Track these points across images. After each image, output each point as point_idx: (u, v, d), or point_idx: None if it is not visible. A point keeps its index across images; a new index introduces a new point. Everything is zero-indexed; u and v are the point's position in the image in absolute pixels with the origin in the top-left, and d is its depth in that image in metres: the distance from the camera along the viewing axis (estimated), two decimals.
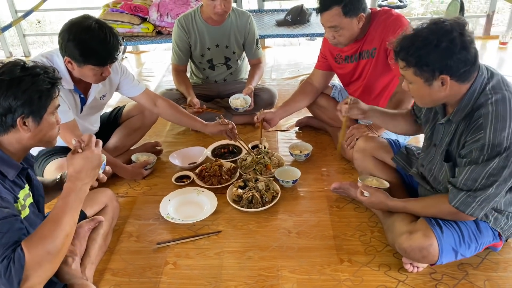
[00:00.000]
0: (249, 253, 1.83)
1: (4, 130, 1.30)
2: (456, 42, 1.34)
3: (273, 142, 2.70)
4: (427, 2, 6.67)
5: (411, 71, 1.43)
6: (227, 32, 2.71)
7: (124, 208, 2.14)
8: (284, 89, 3.51)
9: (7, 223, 1.20)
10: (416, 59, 1.39)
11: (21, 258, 1.16)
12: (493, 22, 4.55)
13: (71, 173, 1.33)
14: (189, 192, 2.16)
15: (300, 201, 2.14)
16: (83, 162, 1.33)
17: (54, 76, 1.35)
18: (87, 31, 1.77)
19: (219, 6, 2.48)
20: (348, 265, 1.74)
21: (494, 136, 1.36)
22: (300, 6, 3.98)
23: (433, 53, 1.36)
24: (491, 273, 1.67)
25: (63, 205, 1.29)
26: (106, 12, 3.73)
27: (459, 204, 1.48)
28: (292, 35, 3.83)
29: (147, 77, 3.98)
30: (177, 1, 3.75)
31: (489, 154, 1.38)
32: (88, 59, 1.80)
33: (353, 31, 2.14)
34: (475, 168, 1.41)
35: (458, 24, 1.37)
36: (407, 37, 1.42)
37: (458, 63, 1.36)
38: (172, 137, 2.83)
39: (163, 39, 3.72)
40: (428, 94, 1.46)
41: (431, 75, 1.39)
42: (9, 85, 1.26)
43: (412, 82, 1.47)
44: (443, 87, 1.41)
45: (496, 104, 1.39)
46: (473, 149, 1.41)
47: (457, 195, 1.47)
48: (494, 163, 1.38)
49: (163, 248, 1.88)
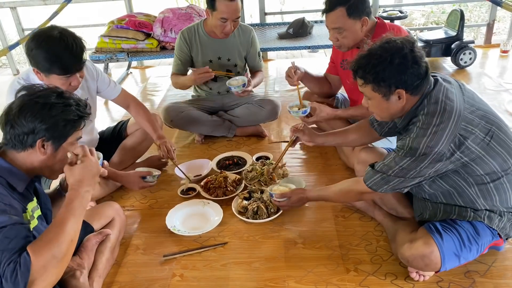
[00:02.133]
0: (256, 264, 1.84)
1: (22, 148, 1.34)
2: (408, 57, 1.45)
3: (277, 153, 2.71)
4: (428, 12, 6.72)
5: (369, 87, 1.52)
6: (230, 46, 2.75)
7: (131, 221, 2.16)
8: (288, 100, 3.52)
9: (15, 229, 1.22)
10: (373, 76, 1.49)
11: (27, 262, 1.17)
12: (494, 31, 4.58)
13: (72, 183, 1.36)
14: (195, 204, 2.18)
15: (305, 211, 2.15)
16: (83, 171, 1.37)
17: (84, 111, 1.41)
18: (49, 40, 1.78)
19: (228, 27, 2.55)
20: (354, 275, 1.74)
21: (413, 140, 1.48)
22: (301, 19, 4.04)
23: (388, 69, 1.46)
24: (498, 280, 1.67)
25: (67, 211, 1.31)
26: (111, 28, 3.80)
27: (373, 184, 1.62)
28: (294, 47, 3.88)
29: (152, 91, 4.03)
30: (180, 16, 3.82)
31: (405, 152, 1.50)
32: (52, 67, 1.81)
33: (356, 34, 2.16)
34: (394, 158, 1.55)
35: (408, 41, 1.48)
36: (363, 56, 1.52)
37: (412, 77, 1.47)
38: (178, 150, 2.85)
39: (167, 54, 3.78)
40: (386, 108, 1.56)
41: (388, 90, 1.49)
42: (41, 108, 1.32)
43: (371, 98, 1.57)
44: (399, 100, 1.52)
45: (427, 116, 1.49)
46: (398, 145, 1.57)
47: (373, 176, 1.61)
48: (407, 161, 1.50)
49: (170, 260, 1.89)
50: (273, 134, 2.98)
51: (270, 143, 2.87)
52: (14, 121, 1.32)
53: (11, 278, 1.16)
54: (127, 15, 4.06)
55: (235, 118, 2.89)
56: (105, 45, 3.79)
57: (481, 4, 6.51)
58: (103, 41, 3.78)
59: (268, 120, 2.92)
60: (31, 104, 1.33)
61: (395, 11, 4.11)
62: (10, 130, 1.33)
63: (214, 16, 2.53)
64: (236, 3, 2.49)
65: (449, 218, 1.64)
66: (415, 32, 4.92)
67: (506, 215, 1.61)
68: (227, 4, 2.46)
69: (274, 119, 2.93)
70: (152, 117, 2.39)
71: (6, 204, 1.25)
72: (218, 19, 2.52)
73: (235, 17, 2.53)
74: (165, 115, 2.77)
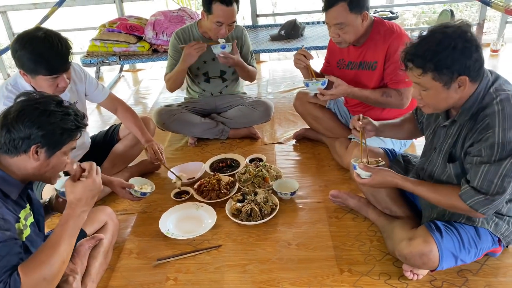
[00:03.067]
0: (250, 266, 1.83)
1: (15, 153, 1.33)
2: (471, 42, 1.37)
3: (270, 154, 2.72)
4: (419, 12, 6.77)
5: (429, 76, 1.42)
6: None
7: (124, 225, 2.15)
8: (281, 102, 3.55)
9: (7, 246, 1.22)
10: (435, 64, 1.39)
11: (16, 283, 1.17)
12: (484, 30, 4.62)
13: (71, 200, 1.36)
14: (188, 207, 2.17)
15: (299, 212, 2.15)
16: (84, 191, 1.37)
17: (81, 121, 1.41)
18: (34, 40, 1.77)
19: (223, 31, 2.55)
20: (348, 275, 1.74)
21: (503, 135, 1.37)
22: (293, 20, 4.04)
23: (452, 55, 1.37)
24: (491, 279, 1.68)
25: (61, 231, 1.31)
26: (102, 32, 3.79)
27: (474, 204, 1.46)
28: (287, 49, 3.88)
29: (144, 94, 4.02)
30: (172, 19, 3.81)
31: (500, 153, 1.39)
32: (37, 68, 1.80)
33: (357, 29, 2.16)
34: (489, 169, 1.41)
35: (468, 25, 1.40)
36: (419, 44, 1.43)
37: (475, 62, 1.39)
38: (171, 153, 2.85)
39: (159, 57, 3.76)
40: (445, 98, 1.46)
41: (450, 77, 1.40)
42: (40, 114, 1.32)
43: (428, 89, 1.46)
44: (460, 88, 1.42)
45: (501, 103, 1.40)
46: (482, 148, 1.42)
47: (474, 196, 1.45)
48: (508, 164, 1.39)
49: (163, 264, 1.88)
50: (266, 136, 2.98)
51: (263, 145, 2.87)
52: (11, 126, 1.31)
53: None
54: (118, 18, 4.04)
55: (227, 120, 2.89)
56: (96, 48, 3.77)
57: (471, 4, 6.56)
58: (94, 44, 3.77)
59: (261, 121, 2.92)
60: (31, 110, 1.32)
61: (386, 12, 4.13)
62: (6, 135, 1.32)
63: (210, 19, 2.52)
64: (233, 8, 2.48)
65: (457, 220, 1.62)
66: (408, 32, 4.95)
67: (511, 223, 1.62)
68: (224, 9, 2.46)
69: (267, 120, 2.93)
70: (140, 121, 2.38)
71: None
72: (213, 22, 2.51)
73: (231, 21, 2.53)
74: (157, 118, 2.77)
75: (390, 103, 2.26)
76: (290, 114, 3.26)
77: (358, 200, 2.07)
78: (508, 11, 3.33)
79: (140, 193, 2.06)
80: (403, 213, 1.87)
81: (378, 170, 1.66)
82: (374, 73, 2.28)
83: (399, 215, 1.87)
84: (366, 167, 1.66)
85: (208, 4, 2.47)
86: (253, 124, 2.93)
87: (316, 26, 4.37)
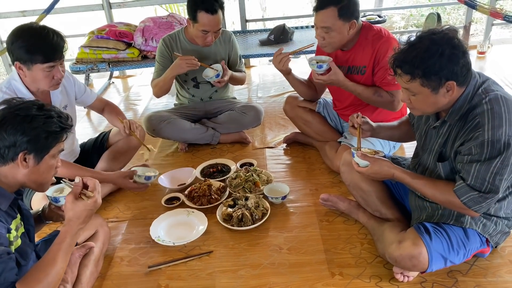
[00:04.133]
0: (241, 271, 1.83)
1: (3, 162, 1.32)
2: (458, 48, 1.40)
3: (261, 159, 2.72)
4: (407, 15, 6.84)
5: (417, 82, 1.44)
6: (212, 52, 2.76)
7: (115, 232, 2.13)
8: (271, 106, 3.56)
9: (2, 263, 1.21)
10: (423, 70, 1.41)
11: None
12: (471, 33, 4.68)
13: (71, 218, 1.36)
14: (179, 213, 2.16)
15: (290, 216, 2.16)
16: (85, 210, 1.37)
17: (66, 122, 1.40)
18: (29, 31, 1.85)
19: (210, 38, 2.56)
20: (339, 279, 1.75)
21: (492, 133, 1.39)
22: (282, 25, 4.07)
23: (439, 62, 1.39)
24: (480, 279, 1.69)
25: (58, 249, 1.32)
26: (91, 39, 3.78)
27: (468, 201, 1.49)
28: None
29: (134, 100, 4.01)
30: (161, 25, 3.81)
31: (490, 151, 1.41)
32: (34, 56, 1.84)
33: (343, 36, 2.18)
34: (481, 167, 1.44)
35: (454, 31, 1.43)
36: (406, 50, 1.45)
37: (462, 67, 1.41)
38: (161, 159, 2.84)
39: (149, 63, 3.76)
40: (433, 103, 1.49)
41: (438, 83, 1.42)
42: (22, 121, 1.31)
43: (417, 94, 1.48)
44: (448, 93, 1.45)
45: (490, 102, 1.43)
46: (472, 147, 1.44)
47: (469, 192, 1.48)
48: (498, 162, 1.41)
49: (155, 271, 1.87)
50: (257, 140, 2.98)
51: (254, 149, 2.87)
52: None
53: None
54: (107, 25, 4.04)
55: (218, 125, 2.89)
56: (85, 55, 3.75)
57: (458, 7, 6.64)
58: (83, 51, 3.75)
59: (252, 126, 2.92)
60: (12, 117, 1.31)
61: (374, 16, 4.17)
62: None
63: (196, 28, 2.53)
64: (218, 16, 2.49)
65: (445, 222, 1.64)
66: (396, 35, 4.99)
67: (500, 224, 1.64)
68: (209, 17, 2.47)
69: (257, 125, 2.94)
70: (123, 115, 2.42)
71: None
72: (199, 30, 2.52)
73: (216, 29, 2.54)
74: (147, 125, 2.76)
75: (381, 102, 2.28)
76: (280, 118, 3.27)
77: (348, 203, 2.08)
78: (493, 14, 3.38)
79: (145, 178, 2.07)
80: (393, 215, 1.88)
81: (376, 160, 1.68)
82: (363, 77, 2.30)
83: (389, 217, 1.89)
84: (364, 156, 1.68)
85: (193, 13, 2.48)
86: (243, 129, 2.93)
87: (305, 31, 4.39)
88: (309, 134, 2.74)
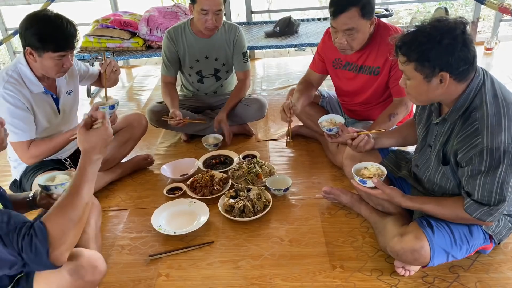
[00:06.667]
0: (242, 262, 1.83)
1: None
2: (458, 39, 1.36)
3: (264, 151, 2.72)
4: (414, 11, 6.78)
5: (411, 66, 1.43)
6: (217, 45, 2.73)
7: (116, 221, 2.14)
8: (275, 99, 3.54)
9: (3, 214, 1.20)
10: (418, 54, 1.40)
11: (42, 230, 1.18)
12: (479, 29, 4.63)
13: (86, 148, 1.35)
14: (181, 203, 2.16)
15: (292, 209, 2.15)
16: (98, 139, 1.36)
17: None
18: (44, 19, 1.86)
19: (210, 21, 2.51)
20: (340, 271, 1.74)
21: (491, 140, 1.37)
22: (288, 17, 4.04)
23: (435, 49, 1.37)
24: (482, 275, 1.68)
25: (81, 176, 1.31)
26: (95, 27, 3.76)
27: (480, 216, 1.48)
28: (281, 46, 3.88)
29: (138, 90, 4.00)
30: (166, 15, 3.79)
31: (489, 159, 1.39)
32: (46, 44, 1.86)
33: (365, 36, 2.12)
34: (486, 179, 1.42)
35: (461, 23, 1.39)
36: (410, 33, 1.44)
37: (459, 60, 1.38)
38: (163, 149, 2.84)
39: (153, 53, 3.74)
40: (425, 91, 1.47)
41: (431, 71, 1.40)
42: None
43: (410, 78, 1.47)
44: (441, 84, 1.42)
45: (491, 107, 1.40)
46: (472, 156, 1.42)
47: (479, 209, 1.47)
48: (502, 171, 1.39)
49: (155, 260, 1.87)
50: (260, 133, 2.97)
51: (257, 142, 2.86)
52: None
53: (31, 250, 1.16)
54: (112, 14, 4.02)
55: None
56: (90, 44, 3.74)
57: (466, 3, 6.58)
58: (88, 40, 3.74)
59: (255, 119, 2.91)
60: None
61: (381, 9, 4.13)
62: None
63: (195, 10, 2.50)
64: None
65: None
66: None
67: (503, 220, 1.63)
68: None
69: (261, 118, 2.92)
70: None
71: None
72: (198, 12, 2.48)
73: (216, 9, 2.48)
74: (150, 115, 2.74)
75: (400, 119, 2.23)
76: None
77: (350, 196, 2.07)
78: (502, 9, 3.34)
79: (109, 107, 2.03)
80: (395, 209, 1.87)
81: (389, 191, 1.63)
82: (376, 78, 2.25)
83: (392, 211, 1.88)
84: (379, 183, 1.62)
85: None
86: (247, 121, 2.92)
87: (311, 23, 4.36)
88: (312, 127, 2.73)
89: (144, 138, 2.61)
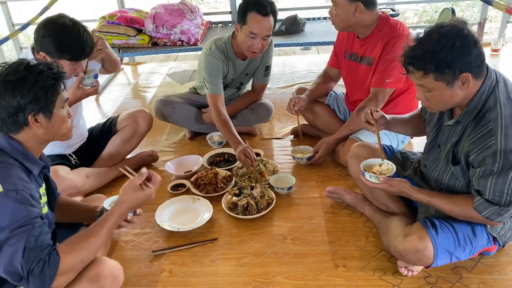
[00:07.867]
0: (245, 260, 1.83)
1: (18, 129, 1.33)
2: (469, 38, 1.37)
3: (268, 149, 2.72)
4: (420, 11, 6.75)
5: (431, 78, 1.41)
6: (254, 65, 2.70)
7: None
8: (279, 98, 3.54)
9: (39, 226, 1.24)
10: (435, 64, 1.38)
11: (56, 261, 1.22)
12: (486, 30, 4.61)
13: (124, 201, 1.43)
14: (185, 200, 2.17)
15: (295, 207, 2.15)
16: (138, 200, 1.44)
17: (58, 71, 1.37)
18: (62, 28, 1.86)
19: (257, 45, 2.41)
20: (343, 270, 1.75)
21: (505, 142, 1.37)
22: (294, 16, 4.03)
23: (451, 54, 1.36)
24: (485, 276, 1.68)
25: (104, 225, 1.38)
26: (102, 24, 3.77)
27: (490, 215, 1.48)
28: (287, 44, 3.87)
29: (143, 88, 4.00)
30: (172, 12, 3.80)
31: (503, 161, 1.38)
32: (62, 53, 1.88)
33: (347, 16, 2.21)
34: (497, 180, 1.42)
35: (463, 22, 1.40)
36: (415, 47, 1.42)
37: (475, 57, 1.38)
38: (168, 146, 2.85)
39: (159, 50, 3.75)
40: (449, 97, 1.45)
41: (452, 76, 1.39)
42: (15, 84, 1.28)
43: (432, 90, 1.45)
44: (464, 85, 1.41)
45: (505, 108, 1.40)
46: (485, 157, 1.41)
47: (489, 207, 1.47)
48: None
49: (158, 256, 1.88)
50: (265, 131, 2.97)
51: (261, 140, 2.87)
52: None
53: (39, 276, 1.19)
54: (118, 10, 4.03)
55: None
56: None
57: (473, 4, 6.55)
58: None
59: (260, 122, 2.93)
60: (3, 84, 1.28)
61: (387, 9, 4.11)
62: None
63: (243, 31, 2.40)
64: (269, 19, 2.36)
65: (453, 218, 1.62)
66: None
67: (509, 223, 1.62)
68: (259, 19, 2.34)
69: (266, 121, 2.94)
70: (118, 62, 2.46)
71: (28, 194, 1.26)
72: (247, 34, 2.38)
73: (265, 34, 2.39)
74: (157, 105, 2.73)
75: None
76: None
77: (354, 196, 2.07)
78: (509, 10, 3.32)
79: (93, 76, 2.05)
80: (399, 209, 1.87)
81: (397, 183, 1.62)
82: (371, 68, 2.31)
83: (395, 211, 1.87)
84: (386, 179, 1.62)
85: (243, 14, 2.36)
86: (251, 124, 2.92)
87: (316, 22, 4.35)
88: (317, 126, 2.73)
89: (149, 135, 2.61)
